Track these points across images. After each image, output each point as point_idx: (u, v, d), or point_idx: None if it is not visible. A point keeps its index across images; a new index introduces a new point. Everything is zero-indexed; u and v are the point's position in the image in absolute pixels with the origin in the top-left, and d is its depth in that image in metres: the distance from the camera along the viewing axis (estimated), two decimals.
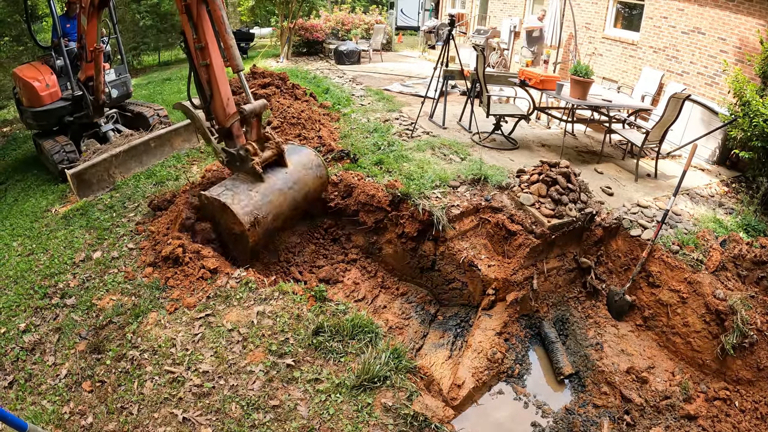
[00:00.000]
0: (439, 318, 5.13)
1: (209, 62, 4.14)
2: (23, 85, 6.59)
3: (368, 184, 5.38)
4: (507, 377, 4.63)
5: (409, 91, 10.35)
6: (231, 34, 4.07)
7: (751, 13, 7.00)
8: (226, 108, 4.28)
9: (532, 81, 6.96)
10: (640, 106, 7.30)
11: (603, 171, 6.42)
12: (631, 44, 9.59)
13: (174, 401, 3.03)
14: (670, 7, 8.53)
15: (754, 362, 4.05)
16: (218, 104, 4.28)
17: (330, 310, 3.72)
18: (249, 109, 4.22)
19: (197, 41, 4.09)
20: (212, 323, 3.63)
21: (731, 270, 4.47)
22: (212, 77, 4.21)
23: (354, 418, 2.92)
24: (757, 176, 5.76)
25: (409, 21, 22.82)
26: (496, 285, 4.89)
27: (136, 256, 4.47)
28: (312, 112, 7.23)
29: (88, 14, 5.46)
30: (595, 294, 5.22)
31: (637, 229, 5.05)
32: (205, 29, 4.05)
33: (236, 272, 4.18)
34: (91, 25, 5.57)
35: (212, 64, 4.15)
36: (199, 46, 4.10)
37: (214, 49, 4.14)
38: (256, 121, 4.41)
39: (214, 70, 4.18)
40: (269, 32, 21.81)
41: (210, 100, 4.32)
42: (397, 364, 3.30)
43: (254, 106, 4.28)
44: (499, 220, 5.09)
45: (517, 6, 14.03)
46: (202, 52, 4.14)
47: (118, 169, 5.74)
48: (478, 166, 5.76)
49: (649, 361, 4.59)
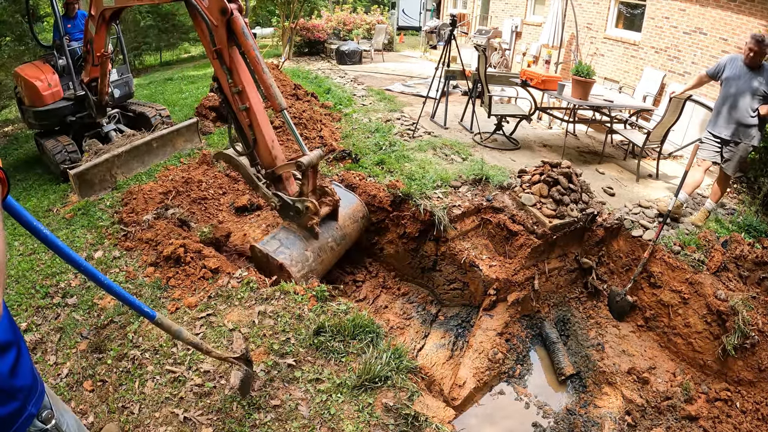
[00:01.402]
0: (440, 318, 5.14)
1: (249, 106, 3.92)
2: (25, 84, 6.59)
3: (370, 184, 5.39)
4: (508, 377, 4.63)
5: (410, 91, 10.35)
6: (268, 73, 3.80)
7: (753, 14, 7.00)
8: (272, 151, 4.08)
9: (534, 81, 6.96)
10: (642, 107, 7.30)
11: (604, 171, 6.42)
12: (633, 44, 9.59)
13: (175, 401, 3.03)
14: (671, 7, 8.53)
15: (755, 363, 4.04)
16: (263, 148, 4.08)
17: (331, 310, 3.72)
18: (306, 162, 3.94)
19: (233, 85, 3.87)
20: (213, 323, 3.63)
21: (733, 271, 4.47)
22: (254, 121, 3.99)
23: (355, 418, 2.92)
24: (758, 177, 5.75)
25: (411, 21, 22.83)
26: (498, 285, 4.89)
27: (138, 256, 4.47)
28: (313, 112, 7.24)
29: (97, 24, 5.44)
30: (596, 294, 5.22)
31: (639, 230, 5.04)
32: (240, 72, 3.84)
33: (237, 272, 4.18)
34: (99, 34, 5.56)
35: (252, 107, 3.93)
36: (236, 90, 3.88)
37: (252, 91, 3.93)
38: (312, 172, 4.12)
39: (255, 114, 3.96)
40: (271, 32, 21.83)
41: (254, 145, 4.11)
42: (398, 364, 3.29)
43: (311, 157, 3.97)
44: (500, 220, 5.09)
45: (518, 6, 14.03)
46: (240, 96, 3.91)
47: (120, 170, 5.74)
48: (480, 166, 5.76)
49: (651, 361, 4.59)
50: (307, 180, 4.13)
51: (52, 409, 1.64)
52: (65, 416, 1.73)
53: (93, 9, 5.31)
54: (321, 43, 15.06)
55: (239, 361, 2.74)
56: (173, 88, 11.48)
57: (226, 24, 3.63)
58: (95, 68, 6.03)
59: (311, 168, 4.06)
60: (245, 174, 4.24)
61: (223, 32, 3.67)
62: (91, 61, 5.99)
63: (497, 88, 8.98)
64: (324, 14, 16.79)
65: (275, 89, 3.81)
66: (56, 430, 1.63)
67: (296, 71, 11.59)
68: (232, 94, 3.91)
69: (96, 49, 5.75)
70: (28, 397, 1.49)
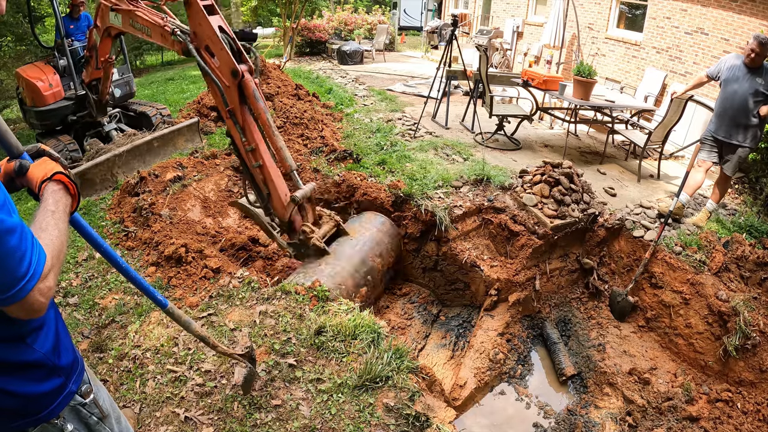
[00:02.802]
0: (441, 318, 5.13)
1: (262, 163, 4.04)
2: (26, 84, 6.60)
3: (371, 184, 5.39)
4: (509, 378, 4.63)
5: (411, 91, 10.36)
6: (279, 135, 3.98)
7: (755, 14, 6.99)
8: (285, 205, 4.24)
9: (535, 81, 6.96)
10: (643, 107, 7.30)
11: (606, 172, 6.41)
12: (634, 45, 9.58)
13: (176, 400, 3.03)
14: (673, 7, 8.52)
15: (756, 364, 4.04)
16: (276, 201, 4.22)
17: (332, 310, 3.72)
18: (300, 195, 4.16)
19: (246, 144, 3.98)
20: (215, 323, 3.63)
21: (734, 271, 4.46)
22: (267, 177, 4.11)
23: (356, 418, 2.92)
24: (760, 177, 5.75)
25: (412, 21, 22.84)
26: (499, 285, 4.89)
27: (139, 256, 4.47)
28: (315, 112, 7.24)
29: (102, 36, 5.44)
30: (597, 295, 5.22)
31: (640, 230, 5.04)
32: (253, 131, 3.94)
33: (239, 272, 4.18)
34: (103, 45, 5.57)
35: (265, 164, 4.05)
36: (250, 148, 3.99)
37: (264, 149, 4.04)
38: (310, 205, 4.35)
39: (268, 170, 4.08)
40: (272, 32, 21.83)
41: (268, 199, 4.25)
42: (399, 364, 3.29)
43: (305, 191, 4.21)
44: (501, 220, 5.09)
45: (520, 6, 14.03)
46: (253, 154, 4.03)
47: (121, 169, 5.75)
48: (481, 166, 5.76)
49: (652, 362, 4.59)
50: (306, 213, 4.32)
51: (91, 384, 1.71)
52: (101, 391, 1.80)
53: (99, 21, 5.31)
54: (322, 44, 15.06)
55: (244, 358, 2.74)
56: (174, 88, 11.49)
57: (237, 86, 3.68)
58: (97, 71, 6.04)
59: (307, 201, 4.26)
60: (260, 223, 4.38)
61: (235, 93, 3.72)
62: (94, 64, 6.00)
63: (498, 88, 8.98)
64: (325, 14, 16.81)
65: (286, 151, 4.01)
66: (94, 404, 1.70)
67: (298, 71, 11.59)
68: (246, 152, 4.01)
69: (100, 55, 5.76)
70: (69, 375, 1.57)
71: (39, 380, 1.48)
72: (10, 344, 1.41)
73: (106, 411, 1.77)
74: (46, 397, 1.50)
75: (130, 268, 1.96)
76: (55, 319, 1.59)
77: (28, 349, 1.44)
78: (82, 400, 1.65)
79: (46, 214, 1.38)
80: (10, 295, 1.19)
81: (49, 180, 1.45)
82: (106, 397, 1.85)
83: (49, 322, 1.54)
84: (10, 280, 1.18)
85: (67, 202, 1.46)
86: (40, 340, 1.48)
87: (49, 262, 1.28)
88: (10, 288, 1.19)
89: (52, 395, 1.52)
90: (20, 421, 1.49)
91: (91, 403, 1.68)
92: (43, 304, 1.28)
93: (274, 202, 4.23)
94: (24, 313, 1.27)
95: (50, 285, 1.28)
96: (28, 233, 1.24)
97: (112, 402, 1.93)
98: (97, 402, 1.72)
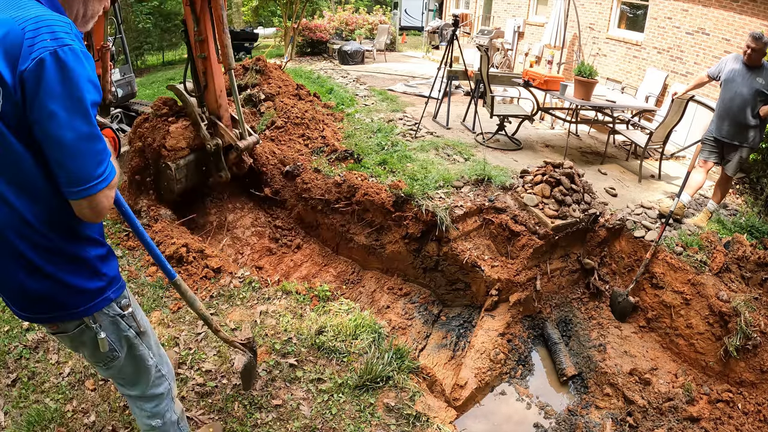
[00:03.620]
0: (442, 318, 5.13)
1: (207, 55, 4.43)
2: None
3: (372, 184, 5.39)
4: (509, 378, 4.63)
5: (412, 91, 10.36)
6: (228, 33, 4.36)
7: (756, 14, 6.99)
8: (218, 99, 4.68)
9: (536, 81, 6.96)
10: (644, 107, 7.29)
11: (607, 172, 6.41)
12: (635, 45, 9.58)
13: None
14: (674, 7, 8.52)
15: (757, 364, 4.04)
16: (211, 95, 4.66)
17: (333, 309, 3.72)
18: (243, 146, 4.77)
19: (198, 34, 4.34)
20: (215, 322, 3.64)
21: (735, 272, 4.46)
22: (208, 69, 4.53)
23: (356, 418, 2.93)
24: (761, 178, 5.74)
25: (413, 21, 22.85)
26: (500, 286, 4.89)
27: (140, 256, 4.48)
28: (316, 112, 7.24)
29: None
30: (598, 295, 5.21)
31: (641, 231, 5.04)
32: (206, 24, 4.30)
33: (239, 272, 4.19)
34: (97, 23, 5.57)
35: (209, 57, 4.45)
36: (199, 38, 4.36)
37: (212, 43, 4.42)
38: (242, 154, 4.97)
39: (210, 63, 4.48)
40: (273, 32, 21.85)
41: (204, 90, 4.67)
42: (400, 364, 3.30)
43: (248, 142, 4.90)
44: (502, 220, 5.09)
45: (521, 6, 14.03)
46: (201, 45, 4.41)
47: (122, 169, 5.75)
48: (482, 166, 5.76)
49: (652, 362, 4.58)
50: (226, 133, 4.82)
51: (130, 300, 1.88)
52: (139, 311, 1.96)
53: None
54: (323, 44, 15.07)
55: (245, 348, 2.75)
56: None
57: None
58: (96, 64, 6.03)
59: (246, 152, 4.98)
60: (191, 112, 4.74)
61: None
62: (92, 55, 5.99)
63: (500, 88, 8.98)
64: (326, 14, 16.82)
65: (229, 50, 4.42)
66: (132, 317, 1.87)
67: (298, 71, 11.60)
68: (195, 41, 4.41)
69: (96, 41, 5.76)
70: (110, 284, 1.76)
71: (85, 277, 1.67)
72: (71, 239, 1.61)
73: (144, 327, 1.94)
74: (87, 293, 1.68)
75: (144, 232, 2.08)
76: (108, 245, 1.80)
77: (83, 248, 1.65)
78: (120, 311, 1.81)
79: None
80: (84, 188, 1.44)
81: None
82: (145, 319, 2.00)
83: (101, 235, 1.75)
84: (87, 175, 1.44)
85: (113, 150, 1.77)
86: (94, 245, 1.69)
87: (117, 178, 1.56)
88: (87, 182, 1.44)
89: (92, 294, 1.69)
90: (59, 312, 1.67)
91: (129, 316, 1.85)
92: (106, 207, 1.52)
93: (209, 94, 4.69)
94: (89, 211, 1.50)
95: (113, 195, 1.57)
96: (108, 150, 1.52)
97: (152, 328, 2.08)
98: (135, 316, 1.87)
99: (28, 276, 1.58)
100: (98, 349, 1.77)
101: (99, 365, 1.89)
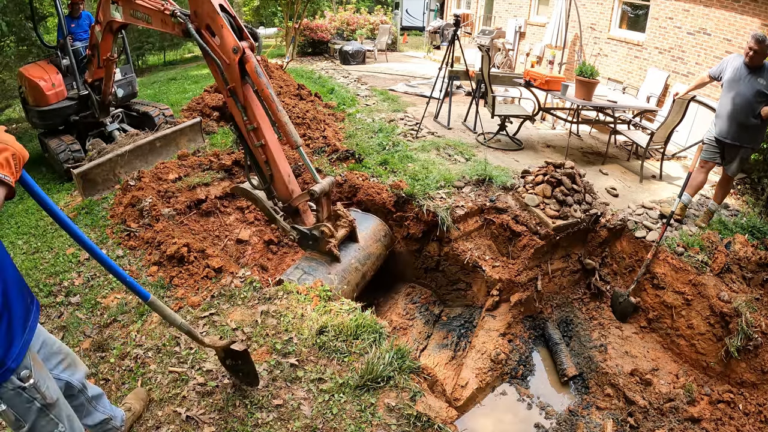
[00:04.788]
0: (443, 318, 5.13)
1: (264, 142, 3.95)
2: (29, 84, 6.61)
3: (373, 184, 5.39)
4: (510, 378, 4.63)
5: (414, 91, 10.36)
6: (283, 111, 3.81)
7: (757, 14, 6.98)
8: (288, 185, 4.14)
9: (537, 81, 6.95)
10: (646, 107, 7.29)
11: (608, 172, 6.41)
12: (637, 45, 9.57)
13: (177, 400, 3.04)
14: (675, 7, 8.51)
15: (758, 365, 4.03)
16: (279, 183, 4.12)
17: (334, 309, 3.72)
18: (319, 190, 4.03)
19: (248, 123, 3.88)
20: (216, 322, 3.64)
21: (736, 272, 4.46)
22: (269, 157, 4.02)
23: (357, 418, 2.93)
24: (762, 178, 5.74)
25: (414, 21, 22.85)
26: (501, 286, 4.89)
27: (141, 255, 4.48)
28: (317, 112, 7.25)
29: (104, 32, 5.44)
30: (599, 295, 5.21)
31: (642, 231, 5.03)
32: (255, 109, 3.84)
33: (240, 271, 4.19)
34: (105, 41, 5.58)
35: (267, 143, 3.95)
36: (252, 127, 3.90)
37: (267, 128, 3.94)
38: (326, 199, 4.20)
39: (270, 150, 3.98)
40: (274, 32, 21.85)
41: (271, 181, 4.15)
42: (401, 364, 3.29)
43: (323, 185, 4.07)
44: (503, 220, 5.08)
45: (522, 6, 14.02)
46: (255, 133, 3.93)
47: (123, 169, 5.75)
48: (483, 166, 5.76)
49: (653, 363, 4.58)
50: (321, 208, 4.18)
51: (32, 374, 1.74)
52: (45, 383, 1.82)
53: (101, 15, 5.31)
54: (324, 44, 15.07)
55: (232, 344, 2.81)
56: (177, 88, 11.50)
57: (238, 62, 3.61)
58: (99, 69, 6.05)
59: (324, 196, 4.12)
60: (263, 207, 4.27)
61: (236, 70, 3.64)
62: (96, 63, 6.01)
63: (501, 88, 8.98)
64: (327, 14, 16.82)
65: (290, 127, 3.80)
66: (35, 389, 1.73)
67: (300, 71, 11.60)
68: (248, 132, 3.92)
69: (102, 53, 5.77)
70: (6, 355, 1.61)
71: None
72: None
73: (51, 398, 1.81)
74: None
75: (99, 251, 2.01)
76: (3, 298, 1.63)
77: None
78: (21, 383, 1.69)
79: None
80: None
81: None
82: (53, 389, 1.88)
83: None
84: None
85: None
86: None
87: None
88: None
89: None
90: None
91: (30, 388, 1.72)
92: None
93: (277, 183, 4.13)
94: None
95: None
96: None
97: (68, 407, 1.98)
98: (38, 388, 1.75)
99: None
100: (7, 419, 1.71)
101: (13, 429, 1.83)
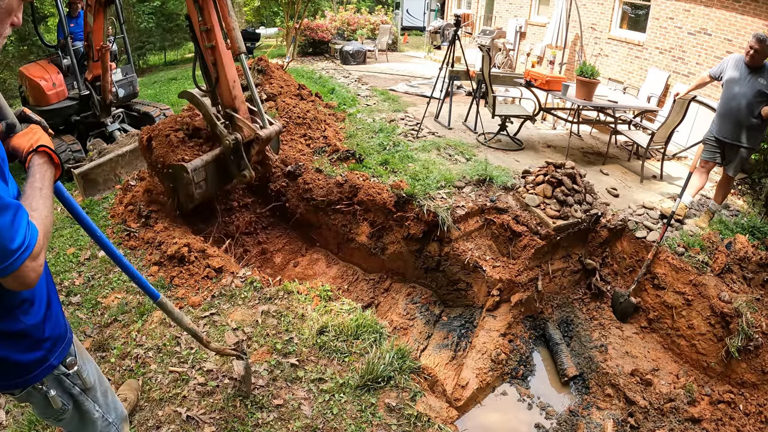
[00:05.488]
0: (443, 319, 5.13)
1: (215, 44, 4.23)
2: (30, 84, 6.62)
3: (374, 184, 5.39)
4: (511, 378, 4.63)
5: (414, 91, 10.35)
6: (234, 17, 4.20)
7: (758, 14, 6.97)
8: (232, 90, 4.38)
9: (538, 82, 6.95)
10: (646, 107, 7.29)
11: (608, 172, 6.41)
12: (637, 45, 9.57)
13: (178, 400, 3.04)
14: (676, 7, 8.51)
15: (758, 365, 4.03)
16: (224, 86, 4.37)
17: (334, 309, 3.72)
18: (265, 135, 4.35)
19: (202, 24, 4.18)
20: (217, 322, 3.64)
21: (737, 272, 4.45)
22: (218, 59, 4.30)
23: (357, 418, 2.93)
24: (762, 178, 5.74)
25: (415, 21, 22.84)
26: (501, 286, 4.89)
27: (142, 255, 4.48)
28: (317, 112, 7.25)
29: (94, 12, 5.47)
30: (599, 296, 5.21)
31: (643, 231, 5.03)
32: (210, 12, 4.14)
33: (241, 271, 4.19)
34: (97, 23, 5.60)
35: (217, 45, 4.24)
36: (204, 28, 4.20)
37: (219, 31, 4.24)
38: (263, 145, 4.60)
39: (219, 52, 4.27)
40: (275, 32, 21.86)
41: (216, 83, 4.41)
42: (401, 364, 3.30)
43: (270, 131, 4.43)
44: (504, 221, 5.08)
45: (522, 6, 14.02)
46: (207, 35, 4.23)
47: (124, 169, 5.76)
48: (484, 166, 5.76)
49: (654, 363, 4.58)
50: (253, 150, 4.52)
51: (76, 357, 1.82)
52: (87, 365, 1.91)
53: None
54: (325, 44, 15.07)
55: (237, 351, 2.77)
56: (178, 88, 11.50)
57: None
58: (97, 64, 6.06)
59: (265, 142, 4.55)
60: (205, 112, 4.48)
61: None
62: (92, 56, 6.02)
63: (501, 88, 8.98)
64: (328, 14, 16.82)
65: (237, 32, 4.23)
66: (77, 376, 1.82)
67: (300, 71, 11.60)
68: (201, 32, 4.23)
69: (95, 41, 5.77)
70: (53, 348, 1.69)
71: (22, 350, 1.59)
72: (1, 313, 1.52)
73: (90, 383, 1.89)
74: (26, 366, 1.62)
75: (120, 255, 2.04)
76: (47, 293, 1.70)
77: (15, 320, 1.55)
78: (65, 370, 1.76)
79: (34, 191, 1.49)
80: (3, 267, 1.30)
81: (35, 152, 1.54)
82: (93, 370, 1.96)
83: (39, 296, 1.65)
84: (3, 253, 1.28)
85: (51, 174, 1.58)
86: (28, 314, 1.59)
87: (41, 240, 1.39)
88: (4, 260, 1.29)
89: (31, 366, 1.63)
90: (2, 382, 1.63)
91: (74, 375, 1.80)
92: (34, 278, 1.39)
93: (221, 87, 4.39)
94: (17, 285, 1.38)
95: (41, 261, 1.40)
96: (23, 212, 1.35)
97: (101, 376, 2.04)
98: (81, 374, 1.83)
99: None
100: (50, 406, 1.76)
101: (49, 420, 1.89)
